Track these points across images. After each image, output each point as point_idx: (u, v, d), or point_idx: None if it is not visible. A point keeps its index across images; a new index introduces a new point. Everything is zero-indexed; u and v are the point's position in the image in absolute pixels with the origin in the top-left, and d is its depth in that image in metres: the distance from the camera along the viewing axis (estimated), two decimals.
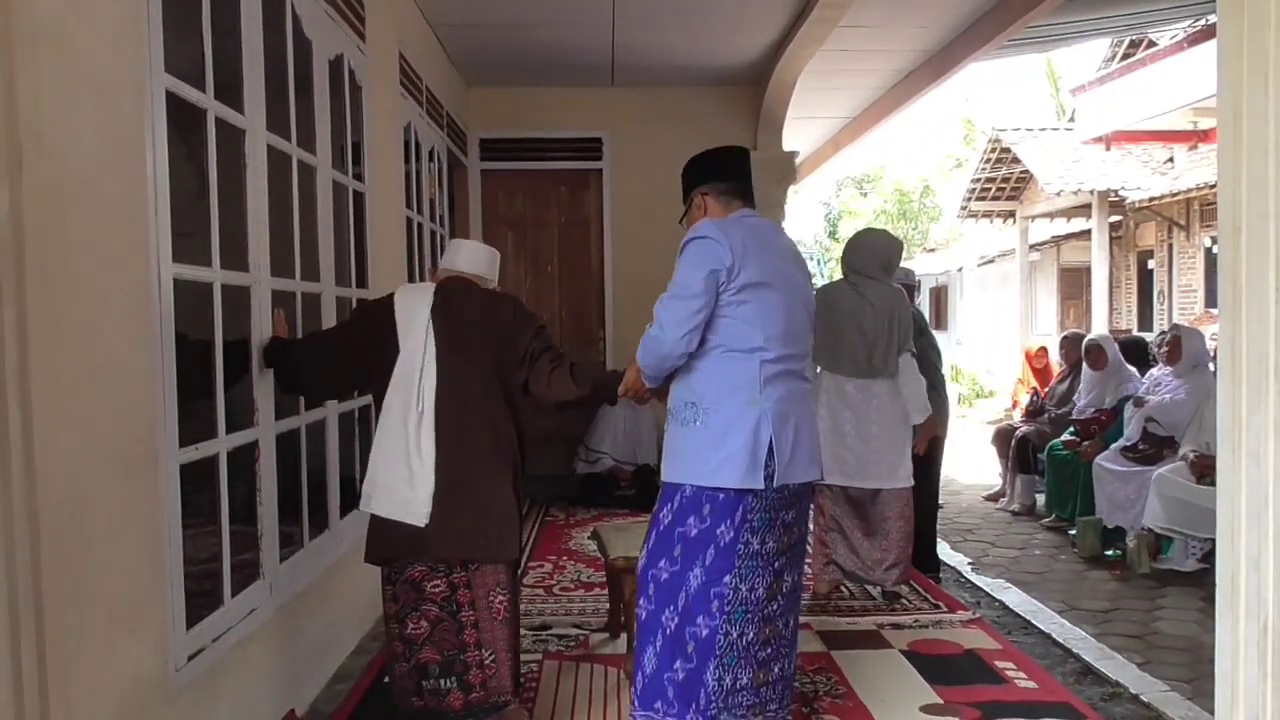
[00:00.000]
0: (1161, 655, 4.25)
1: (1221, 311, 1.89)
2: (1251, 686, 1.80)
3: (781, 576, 2.90)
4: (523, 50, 7.13)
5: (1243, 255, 1.81)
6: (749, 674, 2.85)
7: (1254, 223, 1.78)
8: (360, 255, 4.61)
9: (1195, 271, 14.42)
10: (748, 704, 2.87)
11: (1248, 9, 1.76)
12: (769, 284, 2.86)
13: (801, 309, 2.97)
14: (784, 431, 2.83)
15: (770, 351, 2.85)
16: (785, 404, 2.86)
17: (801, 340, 2.97)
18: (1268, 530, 1.78)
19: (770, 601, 2.87)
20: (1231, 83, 1.81)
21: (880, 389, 4.71)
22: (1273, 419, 1.75)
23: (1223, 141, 1.84)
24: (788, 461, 2.83)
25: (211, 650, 2.83)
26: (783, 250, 3.02)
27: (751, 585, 2.83)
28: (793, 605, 2.98)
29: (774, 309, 2.86)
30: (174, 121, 2.67)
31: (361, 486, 3.28)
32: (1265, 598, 1.77)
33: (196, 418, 2.89)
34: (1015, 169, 17.03)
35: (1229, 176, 1.83)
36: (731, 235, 2.85)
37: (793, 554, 2.95)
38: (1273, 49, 1.71)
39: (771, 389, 2.85)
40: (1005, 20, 6.35)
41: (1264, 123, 1.75)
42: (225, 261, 3.06)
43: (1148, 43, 13.35)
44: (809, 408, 3.02)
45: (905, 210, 30.72)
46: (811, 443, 2.97)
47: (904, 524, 4.79)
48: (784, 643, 2.94)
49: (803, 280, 3.04)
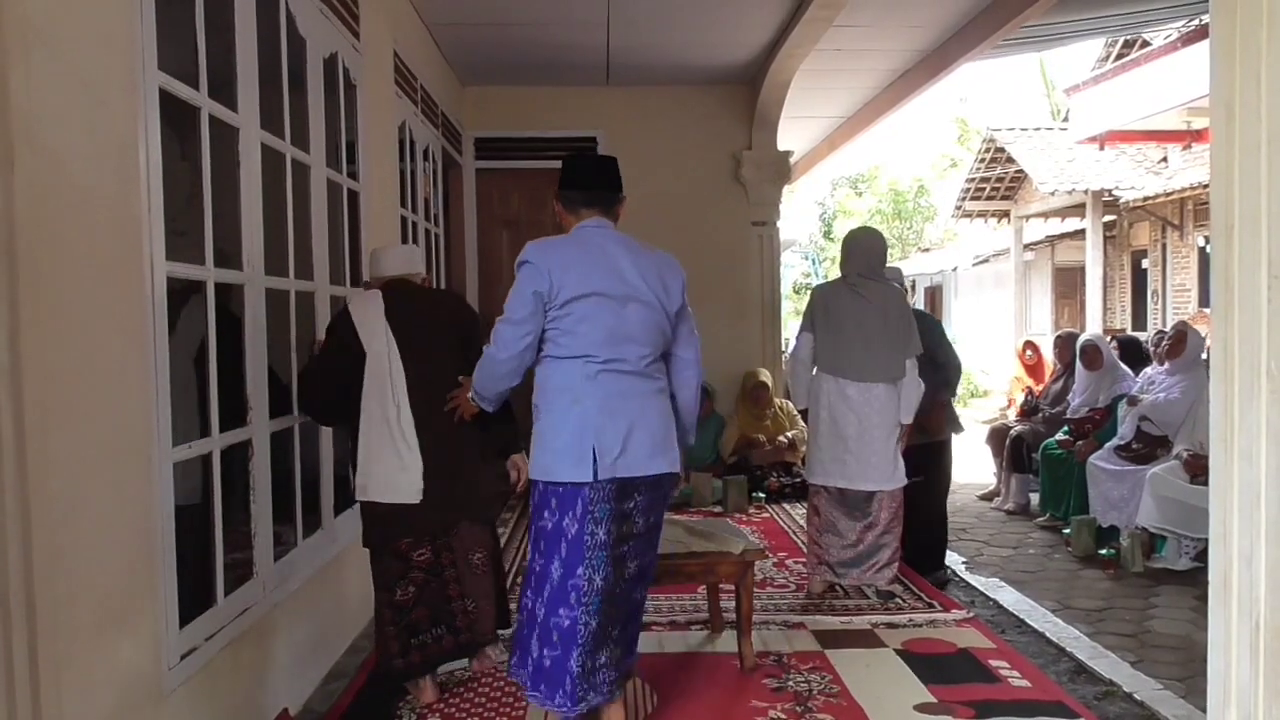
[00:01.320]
0: (1155, 654, 4.25)
1: (1214, 311, 1.89)
2: (1244, 684, 1.81)
3: (624, 563, 3.12)
4: (518, 49, 7.13)
5: (1235, 254, 1.81)
6: (607, 653, 3.11)
7: (1246, 222, 1.78)
8: (355, 254, 4.61)
9: (1189, 271, 14.45)
10: (610, 680, 3.12)
11: (1240, 7, 1.76)
12: (593, 294, 3.06)
13: (640, 312, 3.13)
14: (609, 428, 3.02)
15: (596, 355, 3.06)
16: (613, 401, 3.05)
17: (639, 341, 3.13)
18: (1260, 528, 1.78)
19: (618, 585, 3.10)
20: (1224, 81, 1.82)
21: (880, 391, 4.71)
22: (1264, 418, 1.75)
23: (1215, 140, 1.84)
24: (617, 456, 3.02)
25: (204, 649, 2.82)
26: (620, 259, 3.17)
27: (604, 575, 3.03)
28: (638, 584, 3.22)
29: (598, 317, 3.06)
30: (167, 119, 2.66)
31: (355, 480, 3.57)
32: (1257, 595, 1.78)
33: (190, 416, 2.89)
34: (1010, 169, 17.05)
35: (1222, 176, 1.84)
36: (550, 256, 3.08)
37: (637, 541, 3.16)
38: (1265, 47, 1.72)
39: (597, 389, 3.05)
40: (999, 20, 6.36)
41: (1256, 122, 1.75)
42: (219, 260, 3.06)
43: (1141, 43, 13.37)
44: (652, 404, 3.16)
45: (900, 210, 30.75)
46: (653, 437, 3.12)
47: (897, 524, 4.81)
48: (627, 620, 3.21)
49: (650, 283, 3.19)
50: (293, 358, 3.77)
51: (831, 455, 4.79)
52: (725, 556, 3.94)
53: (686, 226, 8.31)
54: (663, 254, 3.38)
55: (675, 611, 4.68)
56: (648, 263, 3.25)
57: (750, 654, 3.94)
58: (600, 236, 3.23)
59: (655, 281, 3.22)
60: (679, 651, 4.16)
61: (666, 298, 3.23)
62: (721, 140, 8.41)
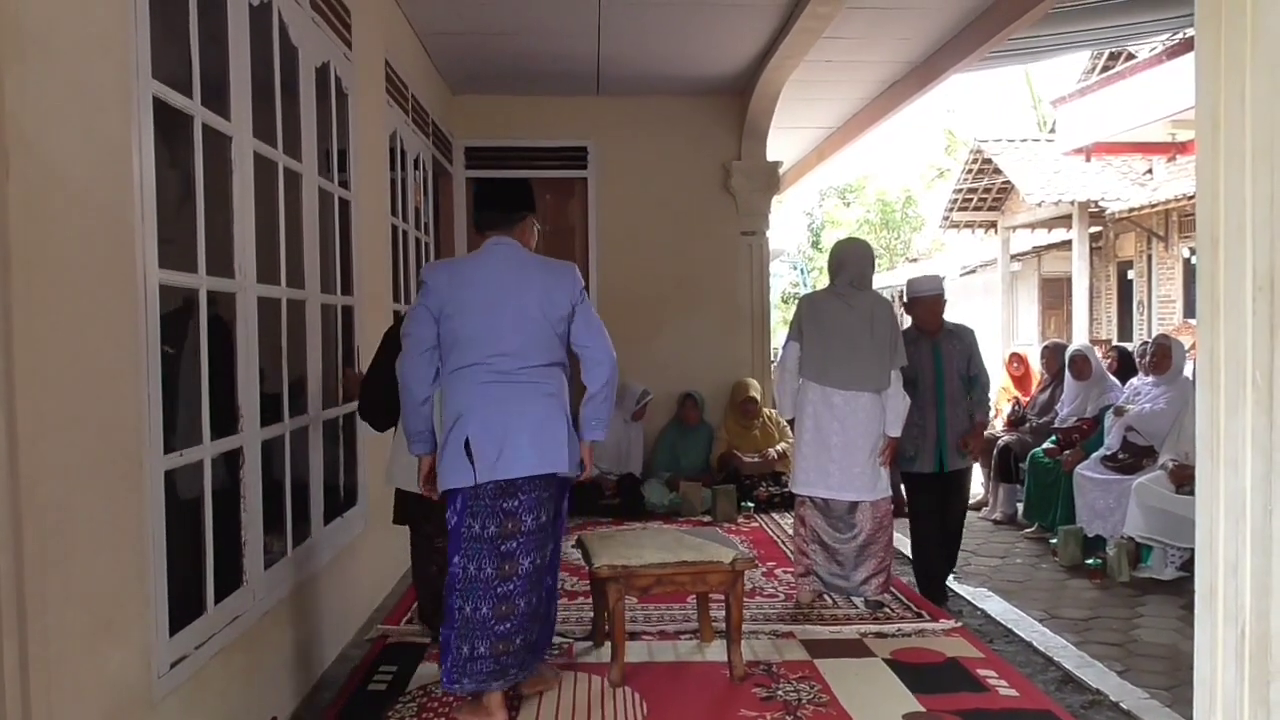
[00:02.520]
0: (1141, 663, 4.28)
1: (1199, 322, 1.91)
2: (1229, 692, 1.82)
3: (512, 559, 3.36)
4: (508, 59, 7.15)
5: (1220, 266, 1.83)
6: (487, 645, 3.34)
7: (1231, 234, 1.80)
8: (345, 262, 4.61)
9: (1174, 282, 14.55)
10: (487, 670, 3.36)
11: (1225, 19, 1.78)
12: (473, 308, 3.38)
13: (519, 322, 3.41)
14: (485, 435, 3.31)
15: (478, 365, 3.37)
16: (491, 408, 3.34)
17: (519, 350, 3.40)
18: (1245, 538, 1.79)
19: (503, 581, 3.35)
20: (1209, 95, 1.83)
21: (866, 401, 4.73)
22: (1249, 428, 1.77)
23: (1201, 153, 1.86)
24: (495, 460, 3.30)
25: (194, 657, 2.82)
26: (506, 273, 3.46)
27: (479, 566, 3.33)
28: (532, 585, 3.42)
29: (477, 328, 3.38)
30: (161, 127, 2.67)
31: (388, 468, 4.13)
32: (1243, 604, 1.79)
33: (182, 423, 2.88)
34: (997, 180, 17.13)
35: (1207, 187, 1.85)
36: (439, 274, 3.49)
37: (526, 539, 3.38)
38: (1249, 61, 1.74)
39: (477, 398, 3.36)
40: (987, 33, 6.40)
41: (1241, 134, 1.77)
42: (211, 267, 3.06)
43: (1127, 56, 13.47)
44: (534, 408, 3.40)
45: (888, 220, 30.88)
46: (533, 439, 3.36)
47: (883, 534, 4.82)
48: (524, 618, 3.41)
49: (533, 295, 3.44)
50: (283, 365, 3.77)
51: (815, 465, 4.81)
52: (715, 566, 3.95)
53: (676, 236, 8.35)
54: (555, 264, 3.61)
55: (665, 621, 4.68)
56: (534, 275, 3.50)
57: (740, 663, 3.95)
58: (496, 253, 3.52)
59: (538, 293, 3.46)
60: (669, 661, 4.16)
61: (550, 306, 3.46)
62: (711, 150, 8.44)
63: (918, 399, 4.96)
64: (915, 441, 5.04)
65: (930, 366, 5.08)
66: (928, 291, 5.18)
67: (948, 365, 5.11)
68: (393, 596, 5.20)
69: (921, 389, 5.03)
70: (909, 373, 4.90)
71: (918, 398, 4.97)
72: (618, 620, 3.92)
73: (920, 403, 4.99)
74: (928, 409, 5.05)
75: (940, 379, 5.09)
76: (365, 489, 4.76)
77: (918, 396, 4.97)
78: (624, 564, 3.90)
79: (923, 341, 5.11)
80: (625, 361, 8.02)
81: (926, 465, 5.09)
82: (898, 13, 6.34)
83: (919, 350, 5.05)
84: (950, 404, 5.08)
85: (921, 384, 5.04)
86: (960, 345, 5.16)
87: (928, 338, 5.13)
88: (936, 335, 5.14)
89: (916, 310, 5.21)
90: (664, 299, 8.29)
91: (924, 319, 5.19)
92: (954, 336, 5.19)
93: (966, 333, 5.29)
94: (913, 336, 5.11)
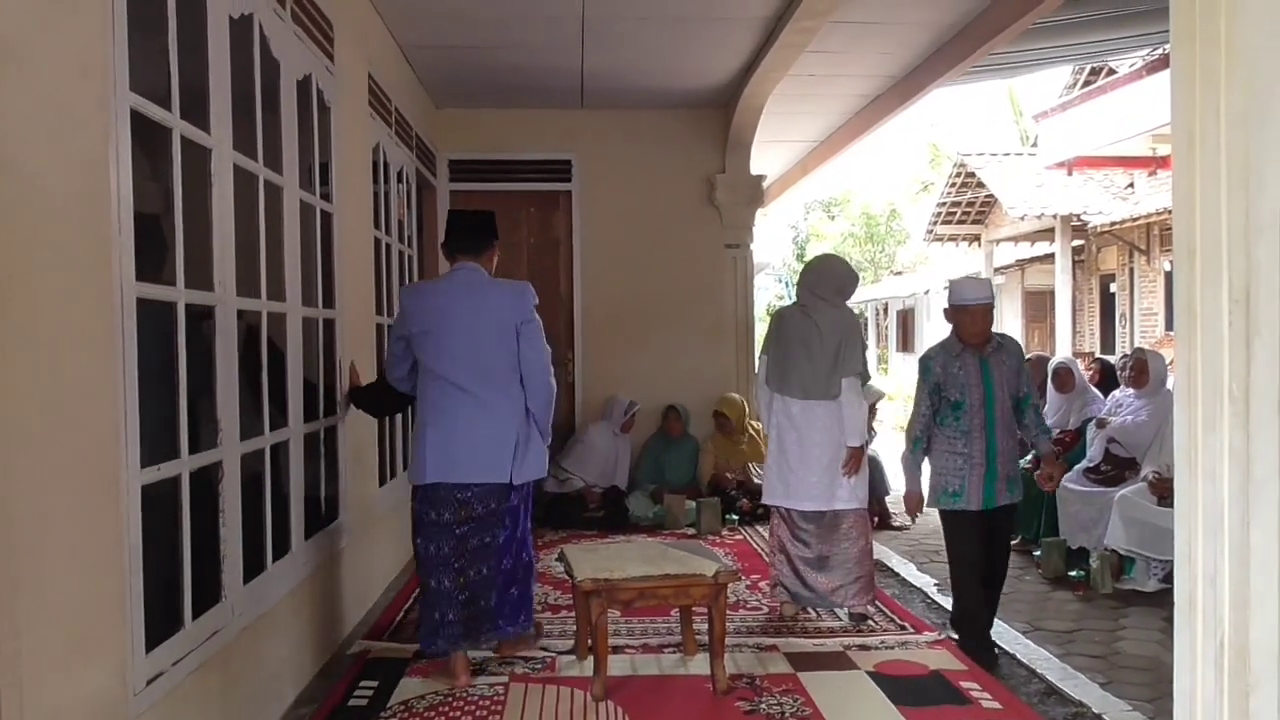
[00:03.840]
0: (1124, 675, 4.28)
1: (1178, 335, 1.92)
2: (1209, 703, 1.82)
3: (465, 540, 3.94)
4: (492, 72, 7.15)
5: (1197, 279, 1.84)
6: (455, 612, 3.93)
7: (1208, 248, 1.81)
8: (328, 275, 4.59)
9: (1156, 295, 14.65)
10: (457, 633, 3.94)
11: (1199, 34, 1.79)
12: (433, 328, 3.93)
13: (471, 343, 3.92)
14: (436, 439, 3.91)
15: (441, 380, 3.93)
16: (444, 418, 3.92)
17: (471, 367, 3.92)
18: (1224, 549, 1.80)
19: (458, 558, 3.93)
20: (1185, 110, 1.85)
21: (822, 411, 4.78)
22: (1227, 440, 1.77)
23: (1177, 168, 1.87)
24: (440, 462, 3.89)
25: (171, 674, 2.79)
26: (463, 298, 3.96)
27: (438, 547, 3.93)
28: (483, 558, 3.97)
29: (438, 345, 3.93)
30: (139, 140, 2.65)
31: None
32: (1222, 615, 1.79)
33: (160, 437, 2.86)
34: (980, 193, 17.26)
35: (1183, 201, 1.87)
36: (410, 298, 4.12)
37: (475, 524, 3.94)
38: (1224, 77, 1.75)
39: (434, 406, 3.95)
40: (968, 48, 6.45)
41: (1216, 150, 1.79)
42: (190, 280, 3.04)
43: (1108, 70, 13.59)
44: (482, 420, 3.92)
45: (872, 233, 31.03)
46: (475, 449, 3.90)
47: (854, 545, 4.84)
48: (480, 585, 3.96)
49: (487, 317, 3.95)
50: (263, 378, 3.75)
51: (778, 474, 4.89)
52: (698, 579, 3.95)
53: (661, 249, 8.35)
54: (509, 286, 4.11)
55: (648, 634, 4.67)
56: (490, 297, 4.00)
57: (723, 676, 3.93)
58: (459, 278, 4.05)
59: (494, 313, 3.96)
60: (652, 674, 4.15)
61: (504, 325, 3.95)
62: (695, 163, 8.46)
63: (961, 424, 4.42)
64: (959, 474, 4.40)
65: (978, 385, 4.44)
66: (973, 299, 4.51)
67: (998, 384, 4.45)
68: (374, 611, 5.16)
69: (967, 412, 4.43)
70: (953, 394, 4.42)
71: (961, 423, 4.43)
72: (600, 633, 3.90)
73: (965, 428, 4.42)
74: (974, 435, 4.41)
75: (990, 400, 4.44)
76: (347, 503, 4.73)
77: (961, 421, 4.43)
78: (607, 577, 3.89)
79: (967, 357, 4.47)
80: (610, 374, 8.19)
81: (974, 501, 4.39)
82: (880, 27, 6.38)
83: (964, 367, 4.45)
84: (1001, 429, 4.44)
85: (967, 407, 4.43)
86: (1010, 360, 4.52)
87: (973, 352, 4.48)
88: (984, 349, 4.48)
89: (960, 320, 4.52)
90: (648, 311, 8.29)
91: (969, 330, 4.50)
92: (1003, 350, 4.54)
93: (1014, 345, 4.71)
94: (955, 351, 4.50)
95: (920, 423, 4.55)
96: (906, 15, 6.18)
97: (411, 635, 4.68)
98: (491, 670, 4.16)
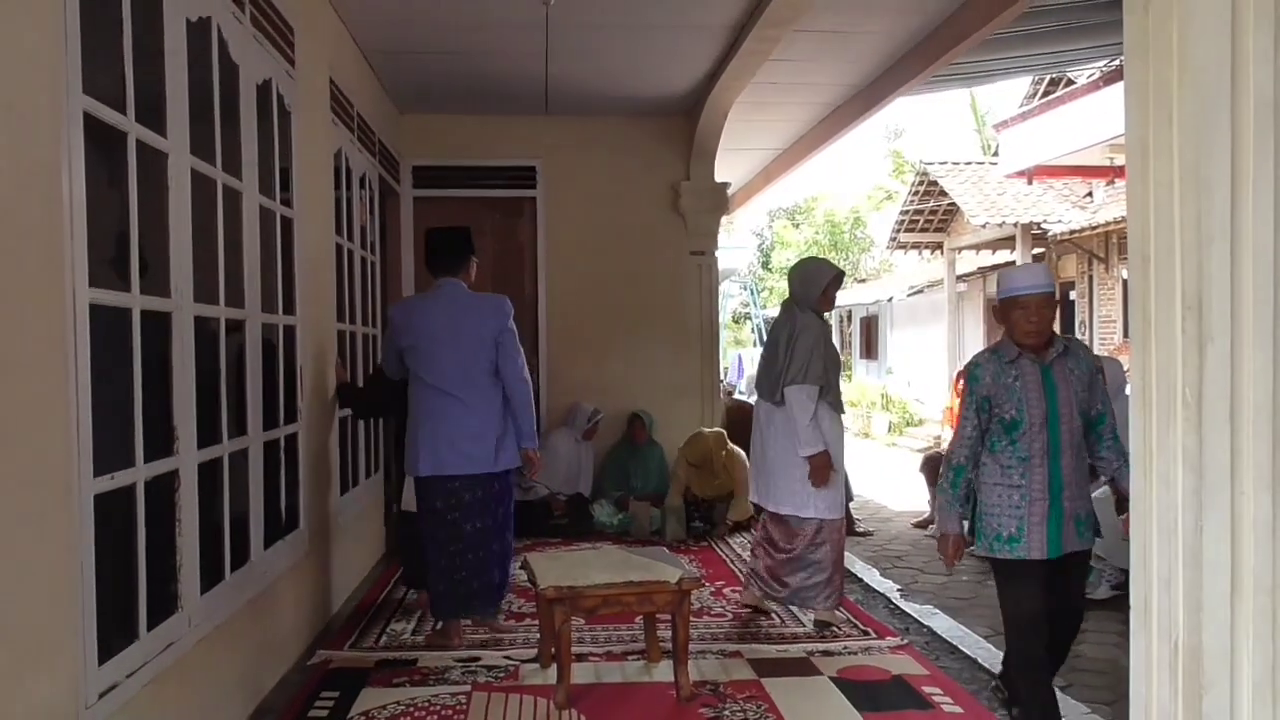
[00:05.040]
0: (1083, 678, 4.33)
1: (1132, 341, 1.95)
2: (1164, 705, 1.85)
3: (458, 525, 4.47)
4: (456, 78, 7.12)
5: (1151, 286, 1.87)
6: (446, 584, 4.52)
7: (1161, 256, 1.84)
8: (288, 281, 4.54)
9: (1114, 302, 14.84)
10: (455, 605, 4.54)
11: (1152, 49, 1.82)
12: (422, 338, 4.47)
13: (454, 351, 4.45)
14: (425, 435, 4.45)
15: (431, 384, 4.46)
16: (435, 419, 4.44)
17: (455, 373, 4.43)
18: (1178, 553, 1.82)
19: (453, 542, 4.48)
20: (1139, 121, 1.88)
21: (780, 416, 4.88)
22: (1180, 444, 1.80)
23: (1131, 178, 1.90)
24: (432, 456, 4.42)
25: (125, 686, 2.74)
26: (444, 313, 4.50)
27: (435, 531, 4.49)
28: (479, 543, 4.50)
29: (424, 354, 4.47)
30: (94, 144, 2.61)
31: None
32: (1176, 618, 1.82)
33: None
34: (942, 202, 17.41)
35: (1137, 210, 1.89)
36: (400, 312, 4.67)
37: (465, 510, 4.47)
38: (1176, 90, 1.78)
39: (425, 408, 4.46)
40: (929, 57, 6.51)
41: (1170, 159, 1.82)
42: (146, 286, 3.00)
43: (1066, 81, 13.77)
44: (467, 419, 4.43)
45: (836, 241, 31.19)
46: (468, 445, 4.43)
47: (814, 551, 4.87)
48: (471, 566, 4.50)
49: (468, 329, 4.47)
50: (221, 386, 3.70)
51: (754, 473, 5.18)
52: (662, 586, 3.94)
53: (625, 256, 8.35)
54: (489, 300, 4.62)
55: (612, 642, 4.65)
56: (472, 310, 4.53)
57: (687, 683, 3.93)
58: (443, 294, 4.59)
59: (475, 324, 4.48)
60: (616, 682, 4.14)
61: (484, 335, 4.46)
62: (660, 171, 8.47)
63: (1018, 449, 3.44)
64: (1016, 513, 3.43)
65: (1039, 400, 3.42)
66: (1027, 288, 3.47)
67: (1064, 398, 3.44)
68: (336, 621, 5.11)
69: (1025, 434, 3.42)
70: (1007, 411, 3.43)
71: (1018, 447, 3.43)
72: (564, 641, 3.89)
73: (1023, 454, 3.43)
74: (1035, 463, 3.42)
75: (1054, 419, 3.42)
76: (306, 512, 4.68)
77: (1018, 446, 3.43)
78: (570, 585, 3.88)
79: (1025, 364, 3.46)
80: (574, 381, 8.16)
81: (1035, 548, 3.41)
82: (842, 36, 6.43)
83: (1020, 377, 3.45)
84: (1069, 455, 3.44)
85: (1025, 427, 3.42)
86: (1079, 368, 3.50)
87: (1032, 358, 3.46)
88: (1045, 353, 3.47)
89: (1013, 316, 3.49)
90: (613, 318, 8.29)
91: (1024, 329, 3.45)
92: (1070, 356, 3.52)
93: (1084, 349, 3.72)
94: (1010, 356, 3.48)
95: (965, 447, 3.56)
96: (868, 24, 6.24)
97: (372, 645, 4.65)
98: (454, 680, 4.14)
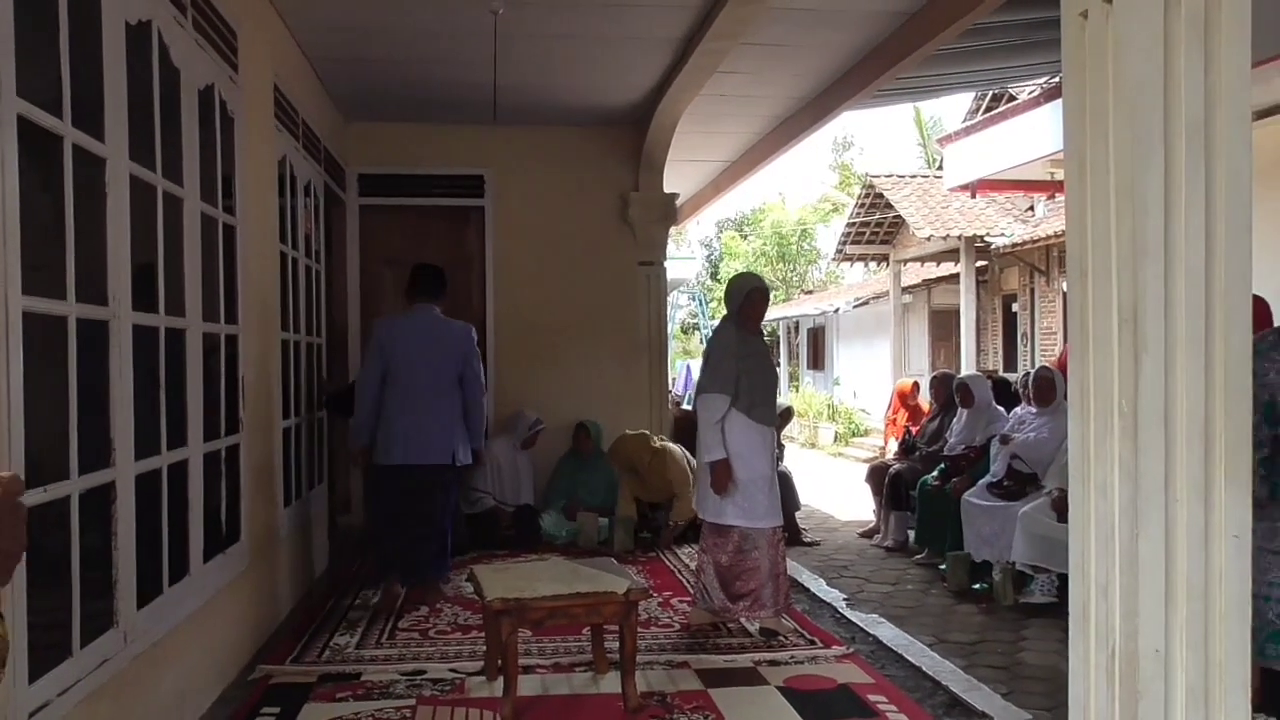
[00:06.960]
0: (1025, 685, 4.39)
1: (1071, 352, 1.99)
2: (1101, 710, 1.88)
3: (413, 506, 5.36)
4: (403, 86, 7.08)
5: (1089, 299, 1.90)
6: (397, 554, 5.47)
7: (1099, 269, 1.88)
8: (230, 290, 4.47)
9: (1055, 315, 15.11)
10: (404, 570, 5.50)
11: (1089, 68, 1.87)
12: (403, 353, 5.40)
13: (428, 366, 5.41)
14: (394, 430, 5.35)
15: (404, 390, 5.37)
16: (405, 416, 5.35)
17: (427, 383, 5.39)
18: (1115, 560, 1.86)
19: (406, 516, 5.39)
20: (1076, 138, 1.92)
21: None
22: (1117, 454, 1.84)
23: (1069, 193, 1.95)
24: (398, 447, 5.34)
25: (57, 704, 2.66)
26: (420, 334, 5.45)
27: (388, 506, 5.46)
28: (422, 521, 5.43)
29: (407, 366, 5.39)
30: (27, 148, 2.55)
31: None
32: (1113, 625, 1.85)
33: None
34: (888, 214, 17.62)
35: (1076, 225, 1.93)
36: (383, 330, 5.54)
37: (418, 493, 5.37)
38: (1111, 108, 1.82)
39: (399, 410, 5.35)
40: (875, 70, 6.60)
41: (1106, 175, 1.86)
42: (82, 294, 2.93)
43: (1009, 97, 14.02)
44: (431, 419, 5.36)
45: (784, 252, 31.44)
46: (429, 440, 5.35)
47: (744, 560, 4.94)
48: (419, 539, 5.44)
49: (440, 347, 5.47)
50: (161, 396, 3.63)
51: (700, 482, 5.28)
52: (609, 597, 3.93)
53: (574, 265, 8.34)
54: (458, 326, 5.60)
55: (559, 653, 4.63)
56: (443, 336, 5.50)
57: (634, 694, 3.92)
58: (423, 317, 5.53)
59: (446, 345, 5.48)
60: (563, 694, 4.12)
61: (452, 354, 5.47)
62: (609, 181, 8.47)
63: None
64: None
65: None
66: None
67: None
68: (278, 635, 5.02)
69: None
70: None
71: None
72: (511, 654, 3.86)
73: None
74: None
75: None
76: (248, 524, 4.60)
77: None
78: (517, 596, 3.85)
79: None
80: (521, 390, 8.12)
81: None
82: (789, 49, 6.49)
83: None
84: None
85: None
86: None
87: None
88: None
89: None
90: (561, 328, 8.26)
91: None
92: None
93: None
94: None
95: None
96: (815, 38, 6.30)
97: (314, 660, 4.58)
98: (398, 694, 4.09)
